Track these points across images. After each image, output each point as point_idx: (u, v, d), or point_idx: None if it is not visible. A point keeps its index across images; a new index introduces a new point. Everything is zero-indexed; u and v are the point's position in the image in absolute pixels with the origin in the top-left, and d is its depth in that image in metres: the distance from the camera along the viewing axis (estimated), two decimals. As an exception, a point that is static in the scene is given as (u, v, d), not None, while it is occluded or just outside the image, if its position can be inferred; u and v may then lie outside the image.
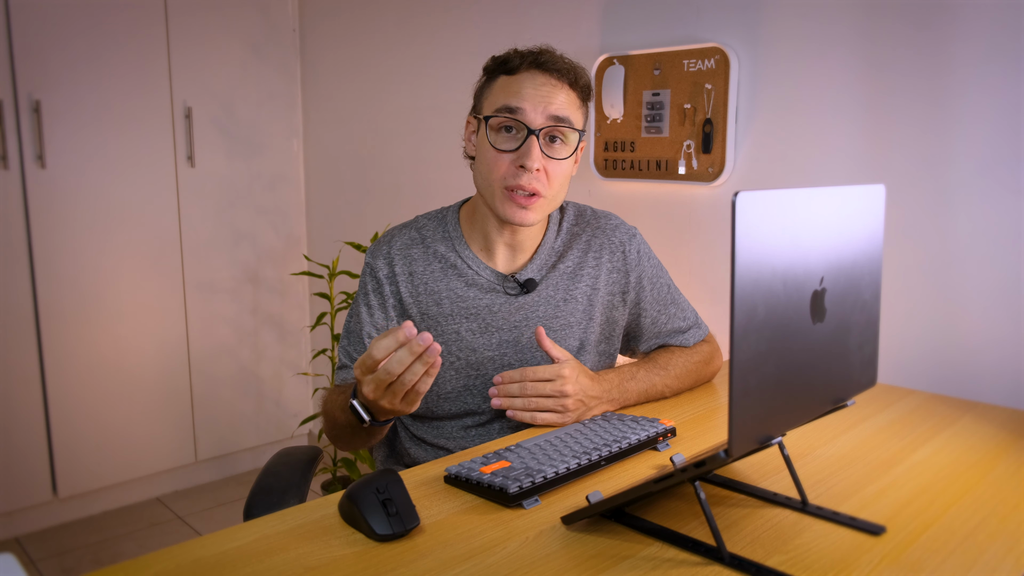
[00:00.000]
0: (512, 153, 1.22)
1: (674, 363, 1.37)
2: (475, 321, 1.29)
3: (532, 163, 1.20)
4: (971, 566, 0.79)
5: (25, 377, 2.54)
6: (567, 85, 1.24)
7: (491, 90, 1.26)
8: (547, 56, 1.23)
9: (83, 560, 2.45)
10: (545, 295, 1.31)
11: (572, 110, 1.24)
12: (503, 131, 1.23)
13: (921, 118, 1.50)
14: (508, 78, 1.24)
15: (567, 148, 1.25)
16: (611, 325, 1.38)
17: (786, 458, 0.94)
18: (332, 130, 3.03)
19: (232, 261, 2.98)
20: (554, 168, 1.23)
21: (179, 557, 0.81)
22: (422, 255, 1.31)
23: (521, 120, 1.21)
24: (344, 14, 2.90)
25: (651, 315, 1.39)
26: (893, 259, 1.53)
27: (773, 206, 0.74)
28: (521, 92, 1.21)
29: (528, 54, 1.24)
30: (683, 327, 1.42)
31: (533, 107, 1.21)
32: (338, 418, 1.21)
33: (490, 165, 1.23)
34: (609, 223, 1.39)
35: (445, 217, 1.36)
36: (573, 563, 0.80)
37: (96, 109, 2.59)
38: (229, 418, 3.03)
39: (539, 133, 1.21)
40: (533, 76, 1.22)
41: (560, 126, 1.22)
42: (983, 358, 1.45)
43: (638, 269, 1.38)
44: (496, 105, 1.23)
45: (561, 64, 1.24)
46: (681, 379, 1.37)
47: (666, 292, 1.41)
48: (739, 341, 0.71)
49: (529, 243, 1.33)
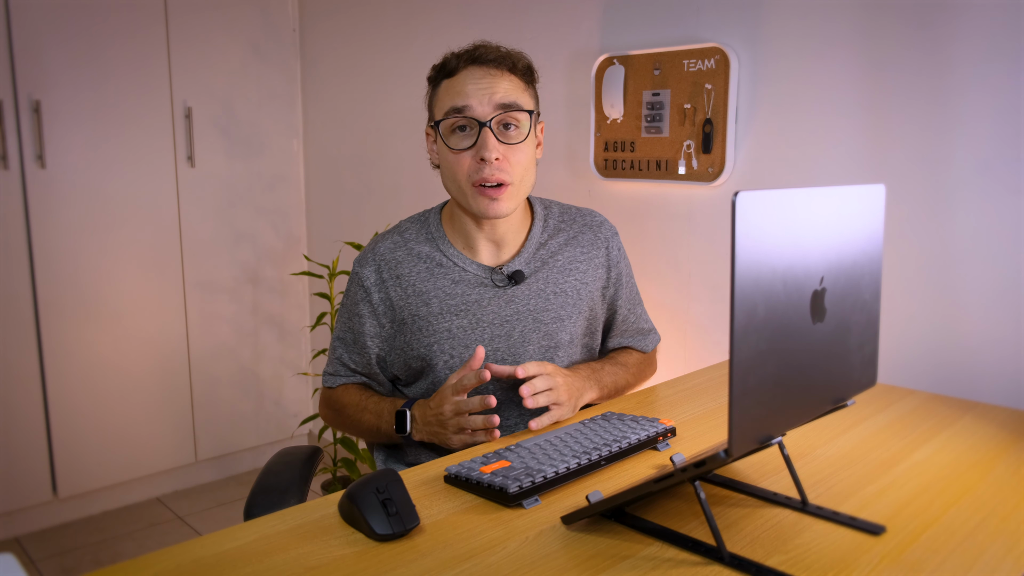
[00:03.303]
0: (470, 150, 1.24)
1: (631, 362, 1.45)
2: (465, 317, 1.29)
3: (490, 153, 1.22)
4: (971, 566, 0.79)
5: (25, 377, 2.54)
6: (507, 71, 1.26)
7: (437, 96, 1.29)
8: (482, 50, 1.26)
9: (83, 560, 2.45)
10: (536, 288, 1.32)
11: (518, 94, 1.26)
12: (456, 131, 1.25)
13: (921, 118, 1.50)
14: (450, 80, 1.26)
15: (521, 132, 1.27)
16: (594, 320, 1.41)
17: (786, 458, 0.94)
18: (332, 130, 3.03)
19: (232, 261, 2.98)
20: (513, 154, 1.25)
21: (179, 557, 0.81)
22: (407, 257, 1.33)
23: (470, 116, 1.23)
24: (344, 14, 2.89)
25: (623, 313, 1.45)
26: (893, 259, 1.53)
27: (773, 206, 0.74)
28: (464, 90, 1.24)
29: (464, 53, 1.26)
30: (647, 329, 1.50)
31: (479, 101, 1.23)
32: (364, 420, 1.32)
33: (452, 167, 1.26)
34: (595, 220, 1.43)
35: (427, 219, 1.38)
36: (573, 563, 0.80)
37: (96, 109, 2.59)
38: (229, 418, 3.03)
39: (490, 124, 1.23)
40: (472, 72, 1.25)
41: (510, 112, 1.24)
42: (983, 358, 1.45)
43: (618, 266, 1.42)
44: (444, 109, 1.25)
45: (496, 53, 1.26)
46: (638, 377, 1.46)
47: (635, 292, 1.48)
48: (739, 341, 0.71)
49: (511, 237, 1.34)
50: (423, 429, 1.23)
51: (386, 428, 1.29)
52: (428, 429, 1.22)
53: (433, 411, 1.20)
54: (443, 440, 1.21)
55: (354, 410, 1.34)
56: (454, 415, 1.17)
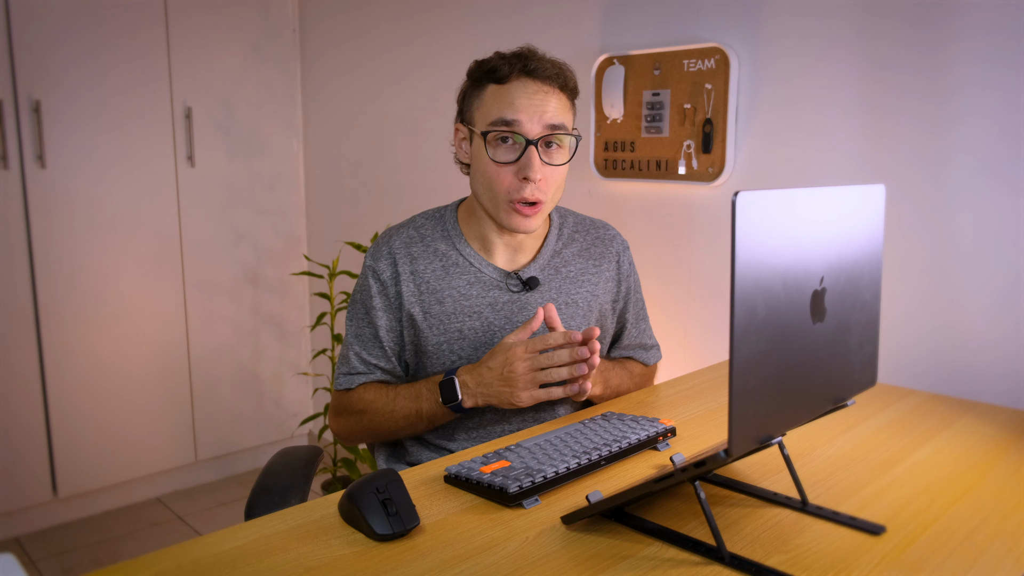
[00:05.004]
0: (513, 165, 1.22)
1: (636, 372, 1.45)
2: (478, 320, 1.29)
3: (535, 174, 1.21)
4: (971, 566, 0.79)
5: (25, 377, 2.54)
6: (557, 89, 1.25)
7: (481, 100, 1.26)
8: (535, 62, 1.23)
9: (83, 560, 2.45)
10: (548, 297, 1.32)
11: (564, 114, 1.25)
12: (500, 143, 1.23)
13: (921, 117, 1.50)
14: (498, 87, 1.23)
15: (564, 153, 1.26)
16: (603, 333, 1.41)
17: (786, 458, 0.94)
18: (332, 130, 3.03)
19: (232, 261, 2.98)
20: (552, 174, 1.24)
21: (179, 557, 0.81)
22: (423, 253, 1.31)
23: (518, 132, 1.21)
24: (344, 14, 2.90)
25: (629, 327, 1.45)
26: (893, 259, 1.53)
27: (773, 206, 0.74)
28: (515, 103, 1.21)
29: (516, 60, 1.23)
30: (649, 344, 1.49)
31: (529, 118, 1.21)
32: (398, 408, 1.27)
33: (492, 178, 1.24)
34: (607, 232, 1.43)
35: (443, 216, 1.36)
36: (573, 563, 0.80)
37: (96, 109, 2.59)
38: (229, 418, 3.03)
39: (537, 142, 1.22)
40: (524, 84, 1.22)
41: (556, 133, 1.23)
42: (983, 358, 1.45)
43: (628, 280, 1.42)
44: (490, 118, 1.23)
45: (550, 69, 1.24)
46: (638, 388, 1.46)
47: (642, 307, 1.48)
48: (739, 341, 0.71)
49: (529, 243, 1.34)
50: (478, 392, 1.20)
51: (427, 406, 1.25)
52: (487, 391, 1.20)
53: (496, 371, 1.18)
54: (506, 399, 1.19)
55: (383, 402, 1.29)
56: (528, 371, 1.16)
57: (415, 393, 1.27)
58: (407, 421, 1.28)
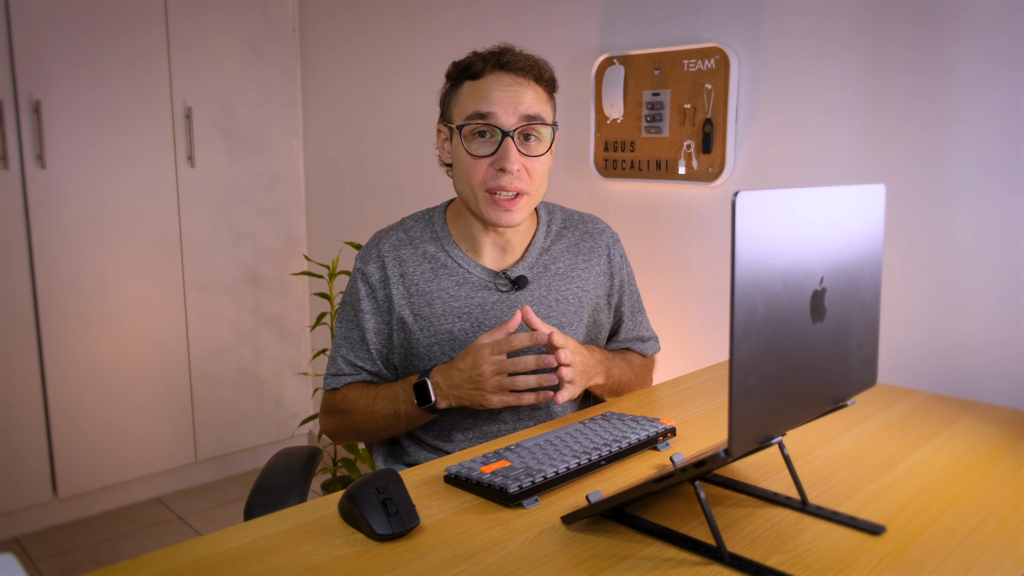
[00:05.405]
0: (489, 157, 1.23)
1: (636, 363, 1.44)
2: (467, 320, 1.29)
3: (511, 165, 1.21)
4: (971, 566, 0.79)
5: (25, 377, 2.54)
6: (533, 81, 1.25)
7: (458, 97, 1.27)
8: (509, 55, 1.24)
9: (83, 560, 2.45)
10: (538, 295, 1.32)
11: (541, 105, 1.26)
12: (477, 137, 1.24)
13: (921, 117, 1.50)
14: (474, 83, 1.24)
15: (542, 144, 1.26)
16: (597, 328, 1.40)
17: (786, 458, 0.94)
18: (332, 130, 3.03)
19: (232, 261, 2.98)
20: (533, 165, 1.25)
21: (179, 557, 0.81)
22: (411, 256, 1.32)
23: (494, 123, 1.22)
24: (344, 14, 2.90)
25: (626, 320, 1.45)
26: (893, 259, 1.53)
27: (773, 206, 0.74)
28: (489, 96, 1.22)
29: (490, 56, 1.24)
30: (646, 336, 1.48)
31: (503, 109, 1.22)
32: (377, 409, 1.27)
33: (468, 171, 1.24)
34: (596, 226, 1.42)
35: (432, 217, 1.36)
36: (573, 563, 0.80)
37: (96, 109, 2.59)
38: (229, 418, 3.03)
39: (513, 134, 1.22)
40: (499, 78, 1.23)
41: (533, 124, 1.23)
42: (983, 358, 1.45)
43: (620, 273, 1.42)
44: (466, 112, 1.24)
45: (524, 61, 1.24)
46: (639, 380, 1.44)
47: (637, 299, 1.47)
48: (739, 341, 0.71)
49: (517, 241, 1.34)
50: (450, 393, 1.20)
51: (405, 408, 1.25)
52: (458, 392, 1.19)
53: (465, 373, 1.18)
54: (477, 401, 1.19)
55: (364, 402, 1.30)
56: (494, 375, 1.16)
57: (393, 394, 1.27)
58: (387, 422, 1.29)
